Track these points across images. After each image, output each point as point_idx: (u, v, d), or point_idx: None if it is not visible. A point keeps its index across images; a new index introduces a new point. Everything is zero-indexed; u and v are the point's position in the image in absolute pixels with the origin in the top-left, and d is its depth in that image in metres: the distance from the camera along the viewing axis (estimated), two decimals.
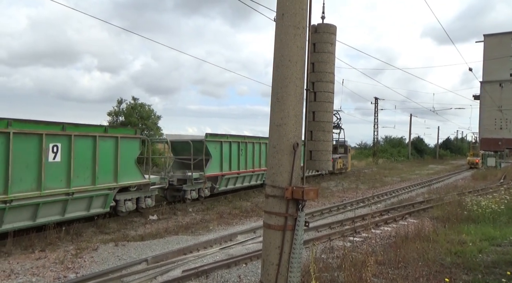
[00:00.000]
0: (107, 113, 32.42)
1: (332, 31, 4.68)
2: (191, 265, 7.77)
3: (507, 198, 13.00)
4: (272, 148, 4.30)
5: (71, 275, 7.17)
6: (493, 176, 30.93)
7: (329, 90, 4.68)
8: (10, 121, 8.37)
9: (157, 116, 33.74)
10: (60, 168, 9.37)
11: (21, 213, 8.66)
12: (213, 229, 11.17)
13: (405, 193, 20.96)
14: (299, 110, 4.30)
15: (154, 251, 8.71)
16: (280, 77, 4.25)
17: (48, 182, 9.06)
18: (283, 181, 4.20)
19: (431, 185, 24.74)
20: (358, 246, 8.91)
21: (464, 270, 6.60)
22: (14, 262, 7.74)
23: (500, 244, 8.36)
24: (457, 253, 7.57)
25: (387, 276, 6.22)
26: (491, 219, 10.85)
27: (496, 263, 6.89)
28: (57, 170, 9.29)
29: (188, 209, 14.03)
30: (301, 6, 4.26)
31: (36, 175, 8.83)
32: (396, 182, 27.41)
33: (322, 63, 4.64)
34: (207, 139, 15.28)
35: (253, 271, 7.44)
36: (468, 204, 12.64)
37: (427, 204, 15.70)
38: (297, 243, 4.16)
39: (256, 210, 14.06)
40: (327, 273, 6.28)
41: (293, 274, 4.14)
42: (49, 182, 9.07)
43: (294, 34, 4.22)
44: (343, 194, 19.69)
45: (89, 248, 8.74)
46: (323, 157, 4.62)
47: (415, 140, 73.67)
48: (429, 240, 8.58)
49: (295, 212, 4.19)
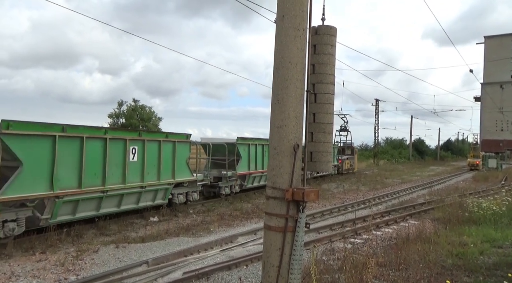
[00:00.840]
0: (108, 115, 32.65)
1: (332, 33, 4.68)
2: (191, 267, 7.76)
3: (508, 200, 12.96)
4: (273, 150, 4.30)
5: (71, 277, 7.17)
6: (494, 178, 30.88)
7: (329, 91, 4.68)
8: (107, 129, 11.02)
9: (158, 118, 33.86)
10: (137, 166, 11.62)
11: (111, 201, 10.99)
12: (213, 231, 11.17)
13: (406, 194, 20.93)
14: (299, 111, 4.30)
15: (154, 253, 8.70)
16: (280, 78, 4.26)
17: (129, 177, 11.31)
18: (283, 182, 4.20)
19: (432, 187, 24.70)
20: (359, 248, 8.89)
21: (465, 272, 6.58)
22: (15, 264, 7.74)
23: (502, 246, 8.34)
24: (458, 254, 7.55)
25: (388, 278, 6.20)
26: (492, 220, 10.82)
27: (498, 265, 6.87)
28: (135, 168, 11.56)
29: (189, 210, 14.03)
30: (302, 8, 4.27)
31: (122, 171, 11.11)
32: (397, 183, 27.38)
33: (322, 64, 4.64)
34: (238, 142, 17.42)
35: (254, 273, 7.43)
36: (469, 206, 12.62)
37: (428, 205, 15.67)
38: (298, 245, 4.15)
39: (256, 212, 14.05)
40: (328, 275, 6.27)
41: (293, 276, 4.14)
42: (130, 177, 11.32)
43: (294, 36, 4.22)
44: (343, 196, 19.67)
45: (90, 250, 8.74)
46: (323, 159, 4.62)
47: (416, 142, 73.64)
48: (430, 241, 8.57)
49: (296, 213, 4.19)
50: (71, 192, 9.60)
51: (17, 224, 8.61)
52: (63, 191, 9.37)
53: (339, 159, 30.64)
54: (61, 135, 9.38)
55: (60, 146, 9.33)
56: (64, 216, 9.73)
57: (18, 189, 8.48)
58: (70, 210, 9.85)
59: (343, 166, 30.68)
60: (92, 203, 10.39)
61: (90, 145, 10.13)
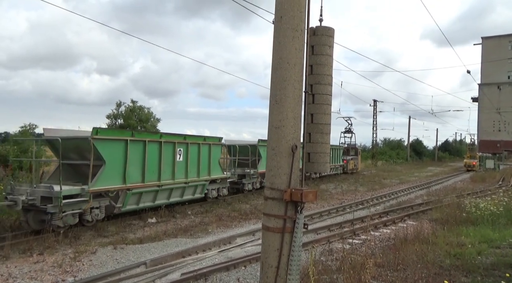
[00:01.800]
0: (106, 116, 32.54)
1: (330, 34, 4.69)
2: (190, 268, 7.75)
3: (505, 200, 13.01)
4: (271, 150, 4.30)
5: (69, 278, 7.14)
6: (492, 178, 30.99)
7: (327, 92, 4.69)
8: (162, 134, 13.05)
9: (156, 118, 33.83)
10: (182, 165, 13.63)
11: (164, 194, 13.03)
12: (212, 232, 11.15)
13: (404, 195, 20.96)
14: (297, 112, 4.31)
15: (152, 254, 8.68)
16: (278, 79, 4.26)
17: (177, 175, 13.30)
18: (281, 183, 4.20)
19: (430, 187, 24.75)
20: (357, 248, 8.90)
21: (463, 272, 6.59)
22: (12, 266, 7.70)
23: (499, 246, 8.36)
24: (456, 255, 7.57)
25: (386, 278, 6.21)
26: (490, 221, 10.85)
27: (495, 265, 6.89)
28: (181, 166, 13.54)
29: (187, 211, 14.01)
30: (299, 9, 4.27)
31: (171, 169, 13.10)
32: (395, 184, 27.43)
33: (320, 65, 4.65)
34: (259, 143, 19.22)
35: (252, 273, 7.42)
36: (467, 206, 12.65)
37: (426, 206, 15.70)
38: (296, 246, 4.15)
39: (255, 213, 14.04)
40: (326, 276, 6.27)
41: (292, 277, 4.13)
42: (177, 175, 13.31)
43: (292, 36, 4.23)
44: (342, 196, 19.69)
45: (88, 252, 8.71)
46: (321, 159, 4.62)
47: (414, 142, 73.80)
48: (428, 242, 8.58)
49: (294, 214, 4.19)
50: (137, 186, 11.67)
51: (99, 210, 10.65)
52: (132, 184, 11.46)
53: (344, 159, 32.34)
54: (131, 139, 11.38)
55: (130, 148, 11.35)
56: (131, 206, 11.74)
57: (102, 183, 10.60)
58: (136, 200, 11.86)
59: (348, 166, 32.71)
60: (151, 195, 12.47)
61: (150, 147, 12.13)
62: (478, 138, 65.43)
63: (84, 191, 10.09)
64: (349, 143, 37.37)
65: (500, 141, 64.45)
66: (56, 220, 9.44)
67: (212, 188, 15.72)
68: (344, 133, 38.02)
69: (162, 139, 12.70)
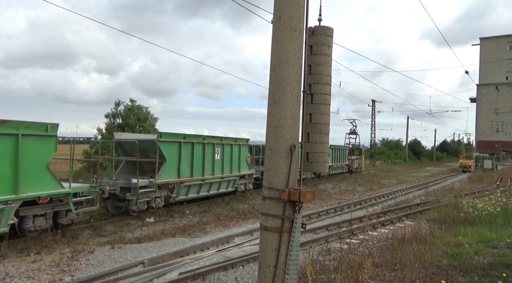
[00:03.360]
0: (105, 115, 32.34)
1: (329, 34, 4.69)
2: (187, 267, 7.74)
3: (503, 201, 13.05)
4: (269, 150, 4.30)
5: (67, 278, 7.13)
6: (490, 179, 31.07)
7: (326, 92, 4.68)
8: (205, 137, 15.21)
9: (155, 118, 33.75)
10: (219, 163, 15.82)
11: (205, 187, 15.25)
12: (210, 231, 11.15)
13: (402, 195, 21.00)
14: (296, 112, 4.30)
15: (150, 253, 8.67)
16: (277, 79, 4.26)
17: (215, 171, 15.59)
18: (280, 183, 4.20)
19: (428, 188, 24.80)
20: (355, 248, 8.91)
21: (461, 272, 6.61)
22: (9, 265, 7.68)
23: (496, 246, 8.38)
24: (454, 255, 7.59)
25: (384, 278, 6.22)
26: (487, 221, 10.88)
27: (492, 265, 6.91)
28: (218, 164, 15.77)
29: (185, 211, 14.01)
30: (298, 9, 4.27)
31: (211, 166, 15.36)
32: (393, 184, 27.47)
33: (319, 65, 4.64)
34: None
35: (250, 273, 7.42)
36: (465, 207, 12.69)
37: (424, 206, 15.73)
38: (294, 245, 4.15)
39: (253, 212, 14.05)
40: (324, 275, 6.27)
41: (290, 276, 4.14)
42: (216, 171, 15.60)
43: (291, 36, 4.23)
44: (340, 196, 19.71)
45: (85, 251, 8.69)
46: (319, 159, 4.62)
47: (412, 143, 73.89)
48: (425, 242, 8.60)
49: (292, 214, 4.19)
50: (187, 180, 14.01)
51: (161, 199, 12.98)
52: (184, 178, 13.81)
53: (349, 159, 34.09)
54: (183, 141, 13.77)
55: (183, 148, 13.72)
56: (182, 196, 13.98)
57: (164, 176, 13.01)
58: (186, 192, 14.14)
59: (353, 165, 34.59)
60: (196, 188, 14.73)
61: (197, 148, 14.50)
62: (476, 139, 65.55)
63: (152, 183, 12.46)
64: (353, 144, 39.72)
65: (498, 142, 64.63)
66: (132, 206, 11.86)
67: (241, 183, 17.89)
68: (349, 134, 40.59)
69: (205, 141, 15.04)
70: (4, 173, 8.29)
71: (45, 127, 9.08)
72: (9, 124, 8.35)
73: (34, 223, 9.09)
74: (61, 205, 9.70)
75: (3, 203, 8.17)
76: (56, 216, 9.70)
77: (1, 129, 8.20)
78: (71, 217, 9.86)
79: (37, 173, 8.92)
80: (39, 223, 9.16)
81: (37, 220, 9.15)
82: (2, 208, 8.15)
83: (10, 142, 8.38)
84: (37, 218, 9.14)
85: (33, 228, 9.07)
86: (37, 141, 8.91)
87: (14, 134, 8.42)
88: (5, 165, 8.30)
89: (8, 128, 8.32)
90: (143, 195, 12.12)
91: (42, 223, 9.25)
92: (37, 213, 9.13)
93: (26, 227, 8.96)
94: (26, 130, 8.64)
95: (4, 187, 8.29)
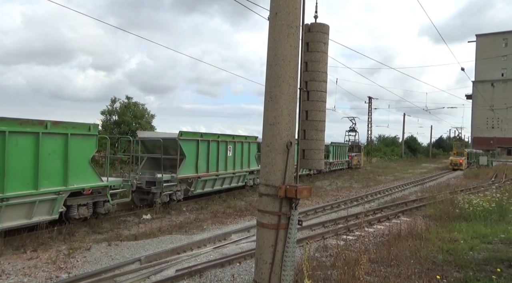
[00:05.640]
0: (101, 112, 32.21)
1: (325, 31, 4.69)
2: (184, 264, 7.75)
3: (498, 196, 13.14)
4: (266, 147, 4.30)
5: (63, 275, 7.12)
6: (485, 175, 31.28)
7: (322, 89, 4.69)
8: (219, 135, 16.18)
9: (151, 115, 33.64)
10: (231, 159, 16.89)
11: (219, 182, 16.30)
12: (207, 228, 11.16)
13: (398, 191, 21.10)
14: (292, 109, 4.31)
15: (147, 250, 8.67)
16: (273, 76, 4.26)
17: (228, 167, 16.66)
18: (276, 180, 4.21)
19: (424, 184, 24.94)
20: (351, 245, 8.96)
21: (456, 267, 6.67)
22: (5, 262, 7.66)
23: (491, 242, 8.46)
24: (449, 250, 7.64)
25: (380, 274, 6.26)
26: (482, 217, 10.96)
27: (487, 261, 6.97)
28: (230, 160, 16.85)
29: (182, 208, 14.01)
30: (295, 5, 4.27)
31: (224, 162, 16.37)
32: (389, 181, 27.59)
33: (315, 62, 4.65)
34: None
35: (247, 270, 7.45)
36: (460, 203, 12.77)
37: (420, 202, 15.83)
38: (291, 242, 4.17)
39: (250, 209, 14.07)
40: (320, 272, 6.31)
41: (286, 273, 4.16)
42: (228, 167, 16.67)
43: (287, 33, 4.23)
44: (337, 193, 19.77)
45: (82, 248, 8.68)
46: (315, 156, 4.63)
47: (409, 139, 74.21)
48: (421, 238, 8.65)
49: (289, 210, 4.20)
50: (204, 175, 15.10)
51: (181, 193, 14.12)
52: (201, 174, 14.90)
53: (349, 155, 35.25)
54: (200, 139, 14.78)
55: (200, 146, 14.74)
56: (199, 190, 15.14)
57: (184, 172, 14.14)
58: (202, 186, 15.26)
59: (353, 162, 35.73)
60: (211, 182, 15.78)
61: (212, 145, 15.49)
62: (472, 135, 65.79)
63: (174, 178, 13.55)
64: (353, 141, 40.91)
65: (494, 138, 64.99)
66: (157, 198, 13.03)
67: (250, 178, 18.97)
68: (349, 132, 41.94)
69: (219, 139, 16.04)
70: (57, 167, 9.44)
71: (88, 127, 10.21)
72: (61, 125, 9.51)
73: (79, 211, 10.28)
74: (100, 196, 10.95)
75: (56, 194, 9.38)
76: (95, 206, 10.89)
77: (56, 129, 9.33)
78: (108, 207, 11.14)
79: (81, 168, 10.08)
80: (82, 211, 10.37)
81: (81, 209, 10.35)
82: (54, 198, 9.36)
83: (61, 141, 9.54)
84: (80, 207, 10.35)
85: (77, 216, 10.26)
86: (82, 140, 10.06)
87: (64, 134, 9.57)
88: (57, 160, 9.44)
89: (60, 128, 9.47)
90: (166, 188, 13.30)
91: (85, 212, 10.47)
92: (81, 202, 10.36)
93: (72, 215, 10.18)
94: (73, 130, 9.80)
95: (56, 179, 9.45)
